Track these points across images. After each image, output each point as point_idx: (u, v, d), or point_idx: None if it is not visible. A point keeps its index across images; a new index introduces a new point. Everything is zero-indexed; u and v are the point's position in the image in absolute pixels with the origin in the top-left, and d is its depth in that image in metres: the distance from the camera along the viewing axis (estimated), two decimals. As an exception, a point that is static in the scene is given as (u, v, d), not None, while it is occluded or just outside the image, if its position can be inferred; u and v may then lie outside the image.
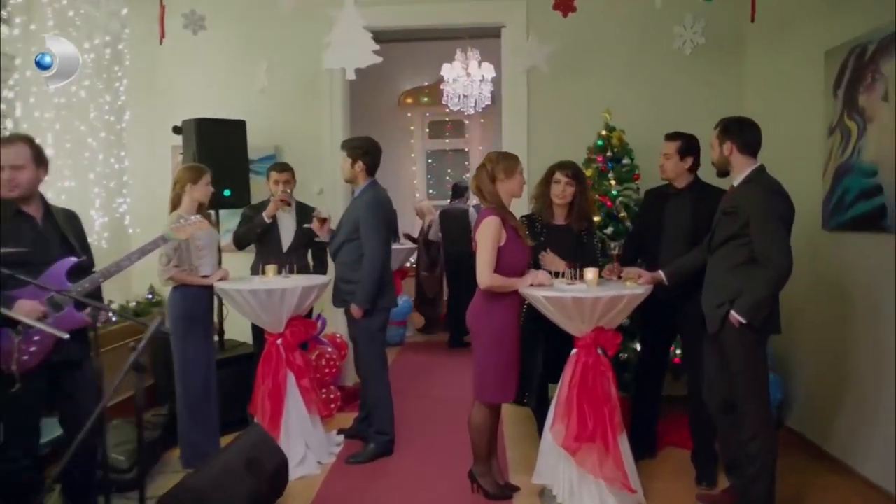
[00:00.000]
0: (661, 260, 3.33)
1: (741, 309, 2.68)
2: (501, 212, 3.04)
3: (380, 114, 9.47)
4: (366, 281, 3.51)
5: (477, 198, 3.18)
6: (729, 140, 2.81)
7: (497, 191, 3.06)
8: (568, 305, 2.88)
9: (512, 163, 3.09)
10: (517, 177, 3.09)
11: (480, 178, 3.08)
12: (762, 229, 2.66)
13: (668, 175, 3.41)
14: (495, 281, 2.99)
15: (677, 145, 3.37)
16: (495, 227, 2.98)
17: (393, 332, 6.98)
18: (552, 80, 4.65)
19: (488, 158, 3.11)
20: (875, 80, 3.23)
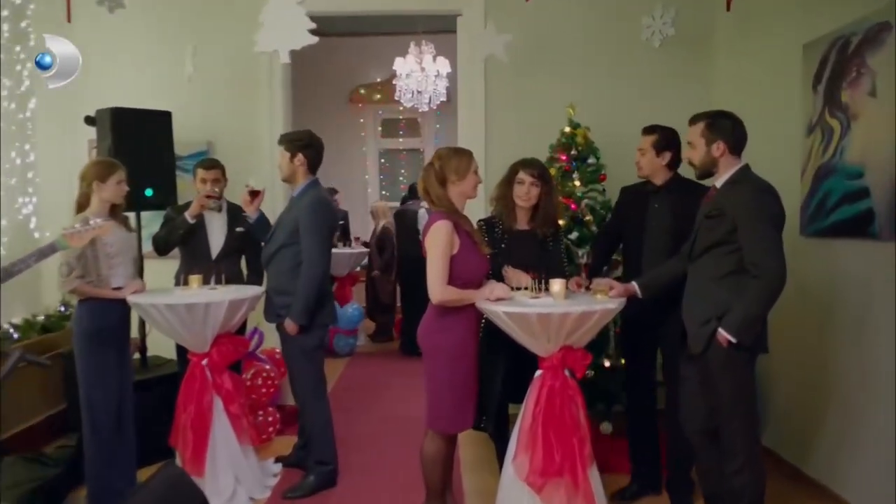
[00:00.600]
0: (644, 265, 3.03)
1: (730, 326, 2.38)
2: (453, 216, 2.68)
3: (330, 111, 9.05)
4: (304, 293, 3.10)
5: (425, 200, 2.81)
6: (720, 139, 2.50)
7: (447, 194, 2.70)
8: (532, 322, 2.53)
9: (464, 161, 2.72)
10: (470, 177, 2.73)
11: (428, 179, 2.71)
12: (752, 234, 2.36)
13: (644, 172, 3.11)
14: (449, 294, 2.62)
15: (653, 139, 3.07)
16: (446, 232, 2.61)
17: (342, 341, 6.58)
18: (512, 72, 4.32)
19: (437, 156, 2.74)
20: (861, 74, 2.98)
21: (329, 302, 3.24)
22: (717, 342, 2.41)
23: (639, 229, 3.11)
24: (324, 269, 3.08)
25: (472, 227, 2.77)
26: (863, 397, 3.01)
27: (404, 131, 9.39)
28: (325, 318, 3.22)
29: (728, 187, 2.49)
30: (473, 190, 2.77)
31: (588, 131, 3.92)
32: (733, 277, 2.42)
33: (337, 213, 3.32)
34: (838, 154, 3.13)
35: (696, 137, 2.57)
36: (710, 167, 2.56)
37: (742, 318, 2.36)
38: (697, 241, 2.55)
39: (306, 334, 3.16)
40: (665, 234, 3.02)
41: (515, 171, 3.01)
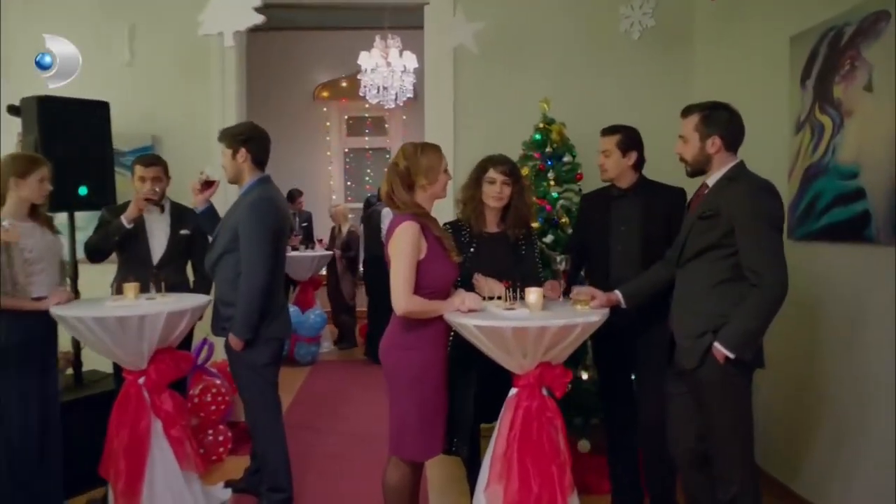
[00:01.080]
0: (612, 276, 2.79)
1: (728, 340, 2.15)
2: (421, 218, 2.41)
3: (293, 109, 8.71)
4: (244, 306, 2.77)
5: (389, 207, 2.53)
6: (716, 134, 2.28)
7: (414, 200, 2.44)
8: (506, 337, 2.27)
9: (434, 159, 2.45)
10: (441, 177, 2.47)
11: (393, 182, 2.44)
12: (750, 237, 2.14)
13: (610, 174, 2.89)
14: (414, 305, 2.34)
15: (617, 139, 2.85)
16: (412, 235, 2.34)
17: (304, 349, 6.25)
18: (482, 65, 4.07)
19: (402, 154, 2.46)
20: (855, 68, 2.78)
21: (280, 313, 2.91)
22: (712, 358, 2.18)
23: (603, 236, 2.89)
24: (265, 280, 2.75)
25: (442, 231, 2.51)
26: (857, 413, 2.81)
27: (370, 130, 9.07)
28: (276, 332, 2.90)
29: (723, 185, 2.26)
30: (444, 190, 2.50)
31: (563, 127, 3.68)
32: (729, 285, 2.20)
33: (287, 213, 2.99)
34: (830, 153, 2.94)
35: (689, 131, 2.34)
36: (703, 164, 2.33)
37: (741, 331, 2.14)
38: (688, 245, 2.31)
39: (253, 350, 2.84)
40: (635, 239, 2.82)
41: (485, 168, 2.75)
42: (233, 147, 2.89)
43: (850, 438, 2.86)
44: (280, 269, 2.93)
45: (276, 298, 2.88)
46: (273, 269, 2.78)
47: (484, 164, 2.79)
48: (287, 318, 2.98)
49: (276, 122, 8.75)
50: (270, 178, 3.02)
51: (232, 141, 2.89)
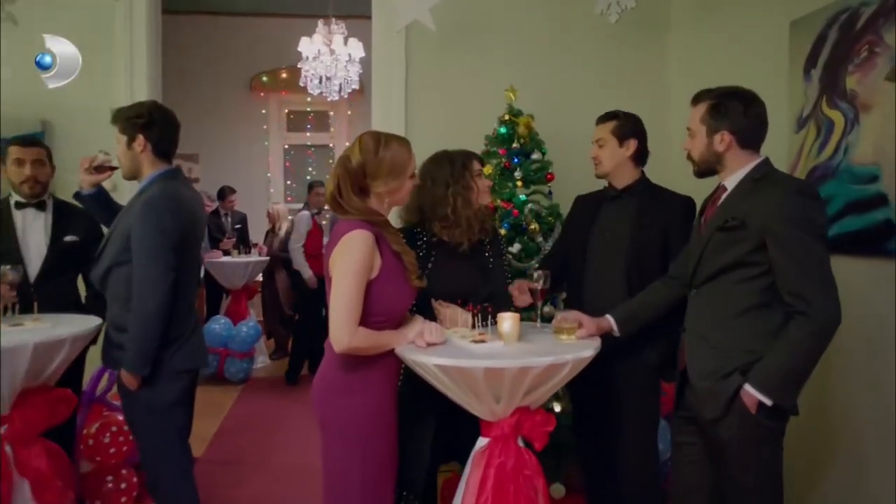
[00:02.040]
0: (586, 295, 2.36)
1: (763, 382, 1.72)
2: (377, 226, 1.88)
3: (227, 100, 8.04)
4: (135, 334, 2.16)
5: (333, 212, 1.99)
6: (726, 128, 1.85)
7: (368, 206, 1.92)
8: (477, 379, 1.76)
9: (401, 157, 1.92)
10: (408, 183, 1.96)
11: (340, 179, 1.90)
12: (790, 253, 1.71)
13: (605, 168, 2.43)
14: (360, 340, 1.81)
15: (613, 125, 2.41)
16: (364, 248, 1.82)
17: (235, 366, 5.60)
18: (438, 49, 3.58)
19: (359, 146, 1.92)
20: (875, 54, 2.41)
21: (190, 339, 2.31)
22: (740, 405, 1.73)
23: (582, 244, 2.45)
24: (163, 298, 2.14)
25: (403, 245, 1.97)
26: (873, 448, 2.44)
27: (312, 125, 8.45)
28: (183, 363, 2.30)
29: (747, 187, 1.82)
30: (408, 196, 2.01)
31: (532, 120, 3.20)
32: (760, 313, 1.76)
33: (198, 214, 2.39)
34: (841, 152, 2.55)
35: (695, 123, 1.91)
36: (711, 164, 1.90)
37: (781, 371, 1.70)
38: (705, 262, 1.86)
39: (154, 387, 2.23)
40: (620, 250, 2.37)
41: (468, 162, 2.26)
42: (128, 133, 2.28)
43: (863, 476, 2.48)
44: (189, 285, 2.33)
45: (182, 321, 2.29)
46: (176, 284, 2.19)
47: (465, 157, 2.33)
48: (199, 344, 2.39)
49: (209, 114, 8.11)
50: (179, 172, 2.43)
51: (127, 125, 2.28)
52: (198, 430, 4.19)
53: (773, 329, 1.74)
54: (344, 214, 1.89)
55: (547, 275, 2.15)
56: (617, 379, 2.35)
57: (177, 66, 7.45)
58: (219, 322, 5.77)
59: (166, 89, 5.56)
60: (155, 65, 3.62)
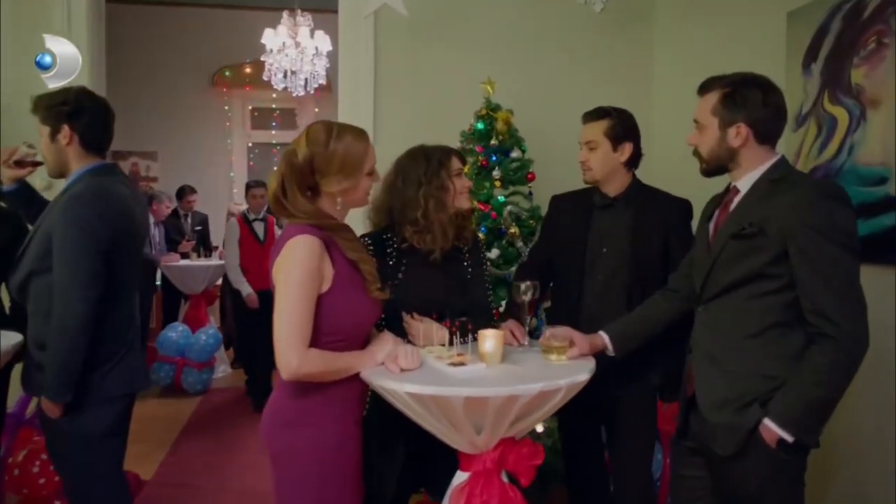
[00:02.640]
0: (584, 313, 2.11)
1: (785, 416, 1.50)
2: (326, 229, 1.62)
3: (187, 96, 7.66)
4: (55, 355, 1.86)
5: (277, 215, 1.72)
6: (743, 120, 1.62)
7: (319, 207, 1.66)
8: (456, 409, 1.52)
9: (356, 150, 1.65)
10: (363, 181, 1.69)
11: (285, 177, 1.63)
12: (817, 266, 1.49)
13: (596, 175, 2.18)
14: (312, 365, 1.55)
15: (606, 126, 2.16)
16: (310, 257, 1.56)
17: (193, 376, 5.27)
18: (410, 39, 3.34)
19: (307, 137, 1.65)
20: (884, 46, 2.23)
21: (125, 359, 2.01)
22: (758, 441, 1.51)
23: (576, 258, 2.19)
24: (85, 312, 1.83)
25: (360, 251, 1.71)
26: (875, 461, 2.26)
27: (278, 123, 8.11)
28: (116, 387, 1.99)
29: (765, 189, 1.60)
30: (366, 197, 1.73)
31: (511, 115, 2.97)
32: (780, 332, 1.55)
33: (134, 214, 2.09)
34: (845, 152, 2.38)
35: (705, 115, 1.68)
36: (723, 161, 1.67)
37: (805, 403, 1.49)
38: (715, 275, 1.64)
39: (81, 416, 1.92)
40: (621, 265, 2.13)
41: (445, 160, 2.00)
42: (51, 123, 1.97)
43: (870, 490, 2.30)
44: (124, 296, 2.03)
45: (116, 338, 1.99)
46: (108, 295, 1.89)
47: (443, 153, 2.05)
48: (136, 364, 2.08)
49: (169, 109, 7.73)
50: (114, 168, 2.13)
51: (49, 114, 1.97)
52: (149, 450, 3.92)
53: (795, 352, 1.52)
54: (289, 218, 1.63)
55: (535, 286, 1.91)
56: (613, 400, 2.13)
57: (135, 59, 7.11)
58: (176, 330, 5.45)
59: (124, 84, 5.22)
60: (97, 56, 3.29)
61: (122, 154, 7.49)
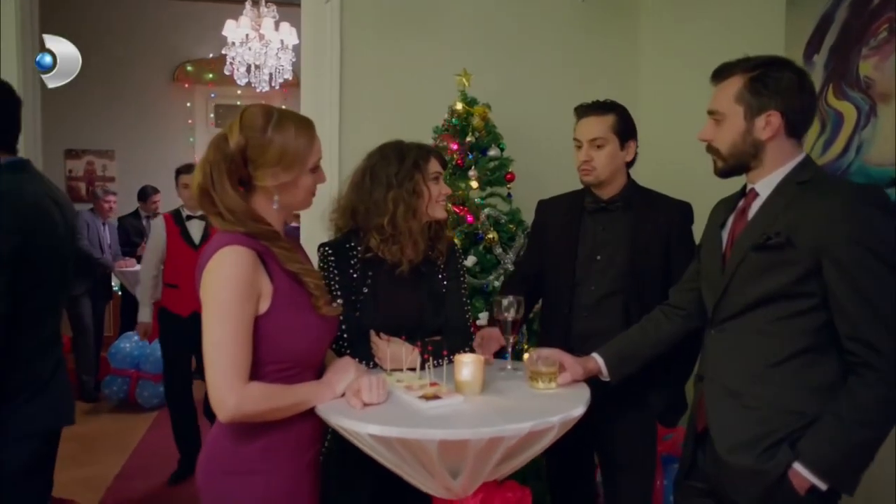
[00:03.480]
0: (575, 330, 1.88)
1: (819, 461, 1.28)
2: (262, 238, 1.36)
3: (148, 92, 7.29)
4: None
5: (204, 212, 1.45)
6: (775, 108, 1.39)
7: (251, 205, 1.40)
8: (429, 454, 1.27)
9: (298, 140, 1.40)
10: (305, 179, 1.43)
11: (213, 168, 1.37)
12: (858, 286, 1.27)
13: (601, 176, 1.95)
14: (253, 403, 1.30)
15: (613, 121, 1.94)
16: (243, 271, 1.31)
17: (150, 389, 4.93)
18: (379, 29, 3.09)
19: (240, 123, 1.39)
20: (894, 35, 2.04)
21: (47, 390, 1.73)
22: (787, 488, 1.28)
23: (566, 268, 1.96)
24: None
25: (300, 260, 1.45)
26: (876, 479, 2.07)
27: (243, 120, 7.78)
28: (37, 421, 1.71)
29: (791, 192, 1.38)
30: (308, 199, 1.47)
31: (488, 110, 2.73)
32: (810, 360, 1.33)
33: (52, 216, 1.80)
34: (853, 150, 2.19)
35: (726, 104, 1.44)
36: (745, 158, 1.44)
37: (844, 448, 1.27)
38: (733, 292, 1.41)
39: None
40: (618, 277, 1.91)
41: (422, 161, 1.77)
42: None
43: None
44: (44, 315, 1.74)
45: (33, 364, 1.71)
46: (15, 315, 1.61)
47: (420, 152, 1.80)
48: (61, 395, 1.80)
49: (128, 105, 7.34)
50: (26, 165, 1.83)
51: None
52: (97, 472, 3.59)
53: (829, 383, 1.30)
54: (216, 218, 1.37)
55: (520, 302, 1.67)
56: (608, 424, 1.90)
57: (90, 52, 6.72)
58: (130, 340, 5.10)
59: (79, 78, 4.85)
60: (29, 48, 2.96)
61: (77, 153, 7.12)
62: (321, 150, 1.45)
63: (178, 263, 3.50)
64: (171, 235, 3.56)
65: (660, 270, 1.85)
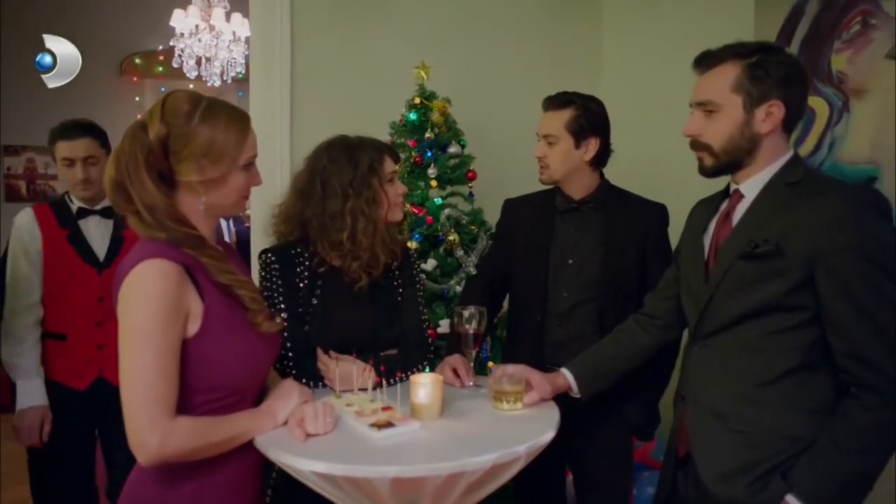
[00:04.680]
0: (549, 340, 1.76)
1: (814, 492, 1.16)
2: (184, 249, 1.19)
3: (94, 85, 6.90)
4: None
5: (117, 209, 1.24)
6: (777, 96, 1.27)
7: (175, 202, 1.22)
8: (381, 492, 1.13)
9: (228, 133, 1.22)
10: (236, 176, 1.25)
11: (131, 158, 1.18)
12: (856, 298, 1.16)
13: (554, 175, 1.84)
14: (182, 439, 1.12)
15: (568, 118, 1.81)
16: (166, 289, 1.13)
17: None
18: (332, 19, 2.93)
19: (160, 110, 1.22)
20: (870, 28, 1.97)
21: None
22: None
23: (536, 272, 1.83)
24: None
25: (232, 270, 1.27)
26: None
27: (196, 116, 7.50)
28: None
29: (779, 194, 1.27)
30: (241, 200, 1.30)
31: (448, 105, 2.58)
32: (802, 379, 1.21)
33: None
34: (825, 147, 2.12)
35: (721, 94, 1.30)
36: (740, 154, 1.30)
37: (842, 477, 1.16)
38: (717, 305, 1.29)
39: None
40: (591, 282, 1.79)
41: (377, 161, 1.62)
42: None
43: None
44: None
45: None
46: None
47: (375, 152, 1.64)
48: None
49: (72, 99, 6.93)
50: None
51: None
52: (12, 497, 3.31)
53: (822, 404, 1.20)
54: (133, 217, 1.19)
55: (482, 313, 1.54)
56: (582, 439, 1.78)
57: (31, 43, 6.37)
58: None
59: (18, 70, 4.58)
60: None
61: (16, 149, 6.75)
62: (256, 147, 1.29)
63: (67, 294, 2.06)
64: (51, 243, 2.08)
65: (635, 275, 1.74)
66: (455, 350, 1.65)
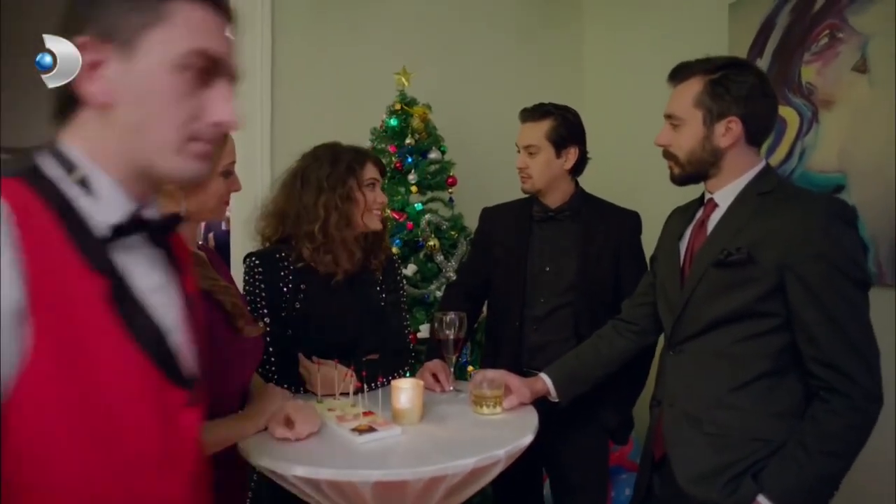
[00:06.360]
0: (527, 344, 1.79)
1: (783, 493, 1.20)
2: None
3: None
4: None
5: None
6: (735, 113, 1.31)
7: None
8: (363, 496, 1.14)
9: None
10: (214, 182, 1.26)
11: None
12: (825, 306, 1.20)
13: (537, 184, 1.87)
14: None
15: (548, 128, 1.85)
16: None
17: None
18: (312, 24, 2.94)
19: None
20: (837, 41, 2.02)
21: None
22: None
23: (515, 280, 1.86)
24: None
25: (214, 275, 1.29)
26: None
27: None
28: None
29: (754, 203, 1.31)
30: (221, 206, 1.31)
31: (429, 111, 2.61)
32: (772, 384, 1.25)
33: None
34: (795, 157, 2.17)
35: (685, 108, 1.35)
36: (704, 166, 1.36)
37: (811, 479, 1.19)
38: (692, 311, 1.33)
39: None
40: (568, 288, 1.83)
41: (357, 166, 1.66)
42: None
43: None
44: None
45: None
46: None
47: (356, 156, 1.68)
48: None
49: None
50: None
51: None
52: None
53: (790, 408, 1.24)
54: None
55: (461, 319, 1.56)
56: (559, 443, 1.81)
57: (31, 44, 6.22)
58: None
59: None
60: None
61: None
62: (234, 153, 1.30)
63: None
64: None
65: (610, 281, 1.77)
66: (435, 355, 1.67)
